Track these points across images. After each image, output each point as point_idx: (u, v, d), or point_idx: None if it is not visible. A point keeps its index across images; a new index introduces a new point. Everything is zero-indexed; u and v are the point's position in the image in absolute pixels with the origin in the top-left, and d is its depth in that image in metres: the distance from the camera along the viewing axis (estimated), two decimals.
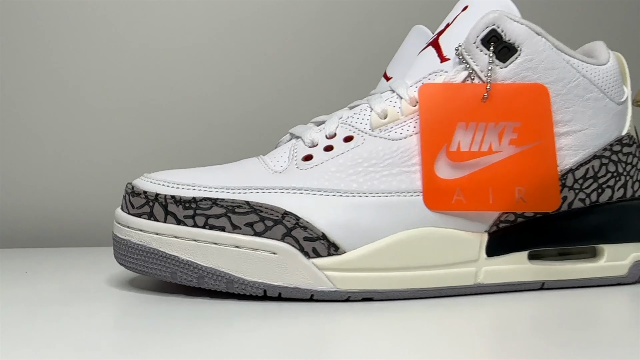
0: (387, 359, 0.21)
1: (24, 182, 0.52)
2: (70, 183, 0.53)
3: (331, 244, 0.30)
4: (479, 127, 0.32)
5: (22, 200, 0.52)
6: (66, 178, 0.53)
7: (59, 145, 0.53)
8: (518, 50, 0.33)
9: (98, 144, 0.53)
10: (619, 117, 0.35)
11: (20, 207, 0.52)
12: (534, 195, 0.32)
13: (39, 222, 0.52)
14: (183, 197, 0.31)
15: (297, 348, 0.23)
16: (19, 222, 0.52)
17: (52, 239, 0.52)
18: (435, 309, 0.29)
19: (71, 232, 0.51)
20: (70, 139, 0.53)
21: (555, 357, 0.22)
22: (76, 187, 0.53)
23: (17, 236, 0.52)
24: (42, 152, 0.53)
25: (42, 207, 0.52)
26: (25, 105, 0.52)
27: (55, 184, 0.53)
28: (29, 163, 0.52)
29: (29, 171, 0.52)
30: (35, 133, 0.53)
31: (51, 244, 0.52)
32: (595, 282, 0.34)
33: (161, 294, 0.31)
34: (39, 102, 0.53)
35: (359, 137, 0.33)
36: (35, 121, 0.53)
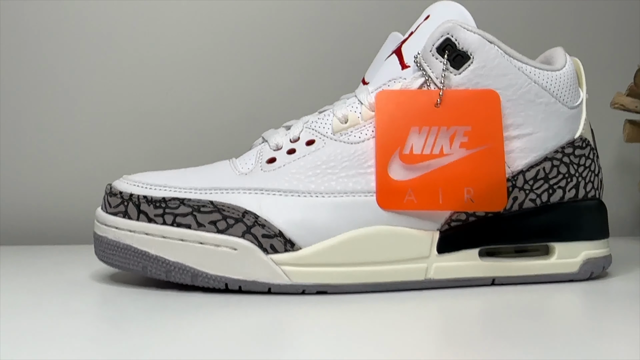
0: (337, 349, 0.23)
1: (17, 182, 0.55)
2: (62, 183, 0.56)
3: (287, 240, 0.32)
4: (432, 131, 0.34)
5: (16, 200, 0.55)
6: (57, 178, 0.56)
7: (51, 146, 0.56)
8: (471, 58, 0.34)
9: (91, 146, 0.56)
10: (572, 121, 0.36)
11: (14, 205, 0.55)
12: (481, 195, 0.33)
13: (31, 221, 0.55)
14: (154, 197, 0.33)
15: (255, 336, 0.25)
16: (13, 220, 0.55)
17: (43, 237, 0.55)
18: (386, 303, 0.31)
19: (63, 230, 0.54)
20: (61, 141, 0.56)
21: (500, 348, 0.24)
22: (67, 187, 0.56)
23: (10, 233, 0.55)
24: (35, 152, 0.56)
25: (34, 206, 0.55)
26: (16, 106, 0.55)
27: (45, 184, 0.56)
28: (21, 163, 0.55)
29: (20, 171, 0.55)
30: (27, 133, 0.56)
31: (42, 242, 0.55)
32: (547, 279, 0.35)
33: (135, 287, 0.34)
34: (31, 103, 0.56)
35: (320, 140, 0.35)
36: (27, 121, 0.56)
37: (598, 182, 0.37)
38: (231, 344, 0.23)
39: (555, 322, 0.27)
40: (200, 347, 0.23)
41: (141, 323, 0.27)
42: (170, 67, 0.57)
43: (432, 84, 0.35)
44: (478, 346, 0.24)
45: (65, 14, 0.55)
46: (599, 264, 0.36)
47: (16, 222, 0.55)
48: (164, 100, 0.57)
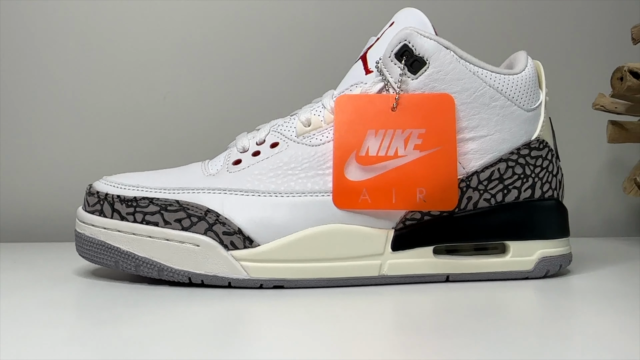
0: (292, 341, 0.25)
1: (11, 182, 0.58)
2: (52, 182, 0.58)
3: (246, 237, 0.34)
4: (387, 133, 0.35)
5: (7, 199, 0.58)
6: (47, 178, 0.59)
7: (42, 147, 0.59)
8: (427, 63, 0.36)
9: (82, 146, 0.59)
10: (529, 123, 0.37)
11: (6, 204, 0.58)
12: (433, 195, 0.35)
13: (22, 219, 0.58)
14: (126, 197, 0.35)
15: (215, 327, 0.27)
16: (8, 218, 0.58)
17: (33, 235, 0.57)
18: (341, 297, 0.33)
19: (52, 227, 0.57)
20: (52, 142, 0.59)
21: (450, 341, 0.25)
22: (57, 186, 0.58)
23: (8, 230, 0.58)
24: (25, 153, 0.59)
25: (24, 205, 0.58)
26: (9, 106, 0.59)
27: (34, 184, 0.59)
28: (12, 162, 0.59)
29: (14, 170, 0.58)
30: (17, 133, 0.59)
31: (33, 239, 0.57)
32: (502, 276, 0.37)
33: (110, 281, 0.36)
34: (23, 103, 0.59)
35: (283, 143, 0.37)
36: (18, 120, 0.59)
37: (556, 182, 0.38)
38: (193, 334, 0.25)
39: (505, 318, 0.29)
40: (163, 336, 0.25)
41: (112, 314, 0.29)
42: (164, 69, 0.59)
43: (391, 88, 0.36)
44: (428, 339, 0.26)
45: (59, 16, 0.58)
46: (555, 263, 0.37)
47: (9, 220, 0.58)
48: (158, 102, 0.59)
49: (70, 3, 0.57)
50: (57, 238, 0.56)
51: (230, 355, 0.23)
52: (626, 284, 0.36)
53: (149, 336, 0.25)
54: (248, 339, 0.25)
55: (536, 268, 0.37)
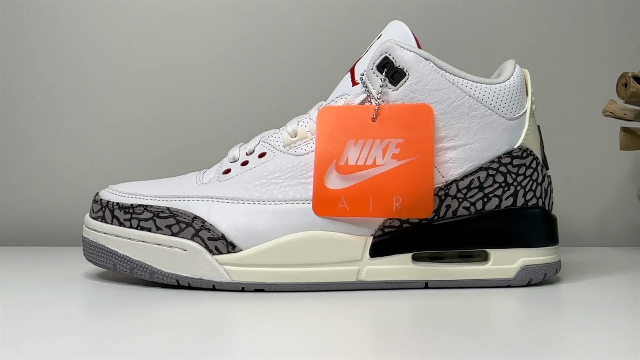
0: (270, 340, 0.27)
1: (20, 187, 0.61)
2: (64, 189, 0.62)
3: (229, 243, 0.36)
4: (367, 143, 0.37)
5: (19, 204, 0.62)
6: (59, 185, 0.62)
7: (53, 154, 0.62)
8: (407, 75, 0.37)
9: (93, 154, 0.62)
10: (511, 132, 0.37)
11: (17, 209, 0.62)
12: (409, 203, 0.35)
13: (36, 224, 0.61)
14: (124, 204, 0.38)
15: (200, 325, 0.29)
16: (16, 223, 0.62)
17: (47, 239, 0.61)
18: (318, 301, 0.34)
19: (62, 232, 0.60)
20: (62, 148, 0.63)
21: (426, 344, 0.27)
22: (68, 193, 0.61)
23: (13, 235, 0.62)
24: (37, 159, 0.63)
25: (37, 211, 0.62)
26: (18, 112, 0.63)
27: (48, 191, 0.61)
28: (24, 168, 0.62)
29: (23, 176, 0.62)
30: (28, 139, 0.63)
31: (46, 244, 0.60)
32: (482, 284, 0.37)
33: (111, 282, 0.39)
34: (32, 109, 0.63)
35: (270, 153, 0.38)
36: (28, 128, 0.63)
37: (542, 190, 0.38)
38: (179, 333, 0.28)
39: (482, 325, 0.29)
40: (152, 334, 0.27)
41: (109, 313, 0.32)
42: (173, 75, 0.62)
43: (373, 99, 0.37)
44: (404, 343, 0.27)
45: (84, 26, 0.62)
46: (538, 271, 0.37)
47: (20, 225, 0.62)
48: (165, 109, 0.62)
49: (96, 14, 0.61)
50: (74, 242, 0.59)
51: (212, 353, 0.25)
52: (613, 294, 0.36)
53: (137, 334, 0.27)
54: (229, 339, 0.27)
55: (518, 276, 0.37)
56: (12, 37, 0.60)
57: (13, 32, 0.60)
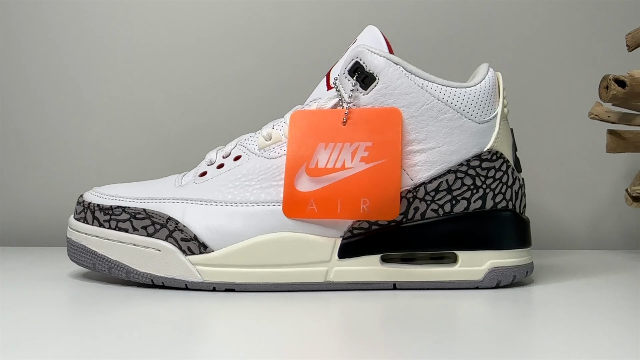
0: (240, 340, 0.28)
1: (17, 187, 0.63)
2: (58, 190, 0.63)
3: (201, 244, 0.37)
4: (337, 146, 0.37)
5: (18, 204, 0.64)
6: (51, 187, 0.64)
7: (46, 153, 0.64)
8: (377, 79, 0.37)
9: (85, 155, 0.64)
10: (481, 135, 0.38)
11: (11, 210, 0.64)
12: (376, 206, 0.36)
13: (27, 225, 0.63)
14: (104, 205, 0.39)
15: (171, 324, 0.30)
16: (12, 222, 0.64)
17: (38, 239, 0.62)
18: (287, 301, 0.35)
19: (52, 233, 0.62)
20: (53, 150, 0.64)
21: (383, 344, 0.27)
22: (61, 194, 0.62)
23: (10, 235, 0.64)
24: (30, 159, 0.64)
25: (29, 212, 0.64)
26: (13, 113, 0.64)
27: (42, 192, 0.63)
28: (18, 170, 0.64)
29: (19, 176, 0.64)
30: (21, 140, 0.64)
31: (38, 244, 0.62)
32: (451, 286, 0.37)
33: (93, 282, 0.40)
34: (26, 109, 0.64)
35: (245, 156, 0.39)
36: (20, 126, 0.64)
37: (512, 193, 0.38)
38: (151, 331, 0.29)
39: (448, 326, 0.30)
40: (125, 333, 0.28)
41: (85, 312, 0.33)
42: (183, 81, 0.63)
43: (345, 103, 0.38)
44: (369, 341, 0.28)
45: (78, 27, 0.64)
46: (507, 273, 0.37)
47: (15, 226, 0.63)
48: (176, 115, 0.63)
49: (89, 17, 0.63)
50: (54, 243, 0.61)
51: (183, 351, 0.26)
52: (582, 297, 0.36)
53: (111, 333, 0.28)
54: (199, 337, 0.28)
55: (486, 278, 0.37)
56: (4, 38, 0.62)
57: (3, 32, 0.62)
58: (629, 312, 0.33)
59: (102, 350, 0.26)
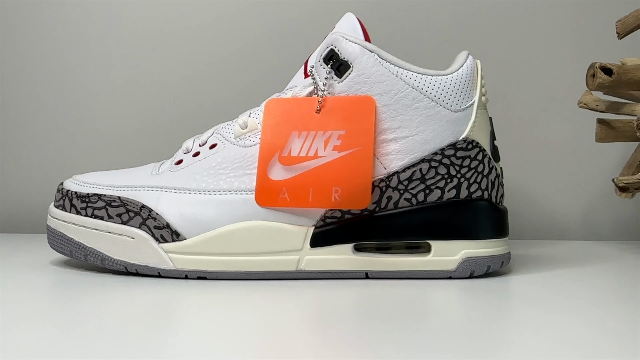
0: (210, 326, 0.28)
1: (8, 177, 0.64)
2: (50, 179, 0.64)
3: (174, 231, 0.37)
4: (310, 135, 0.37)
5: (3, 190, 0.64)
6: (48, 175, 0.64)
7: (39, 146, 0.64)
8: (351, 67, 0.37)
9: (88, 147, 0.64)
10: (455, 124, 0.37)
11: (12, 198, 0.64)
12: (347, 195, 0.36)
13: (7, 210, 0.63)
14: (81, 193, 0.40)
15: (143, 310, 0.31)
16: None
17: (25, 227, 0.63)
18: (259, 289, 0.35)
19: (37, 220, 0.62)
20: (44, 135, 0.64)
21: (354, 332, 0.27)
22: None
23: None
24: (34, 153, 0.65)
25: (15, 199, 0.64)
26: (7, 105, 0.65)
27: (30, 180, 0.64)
28: (7, 154, 0.65)
29: (3, 162, 0.64)
30: (25, 132, 0.65)
31: (22, 231, 0.62)
32: (423, 275, 0.37)
33: (71, 269, 0.41)
34: (37, 105, 0.65)
35: (221, 144, 0.39)
36: (28, 122, 0.65)
37: (488, 183, 0.38)
38: (123, 318, 0.29)
39: (419, 316, 0.30)
40: (98, 319, 0.29)
41: (60, 298, 0.34)
42: (175, 71, 0.63)
43: (320, 91, 0.38)
44: (339, 329, 0.28)
45: (67, 21, 0.64)
46: (481, 264, 0.37)
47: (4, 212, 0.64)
48: (154, 102, 0.64)
49: (81, 5, 0.63)
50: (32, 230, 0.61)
51: (153, 338, 0.26)
52: (557, 288, 0.36)
53: (84, 319, 0.29)
54: (170, 325, 0.28)
55: (459, 268, 0.37)
56: None
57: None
58: (604, 303, 0.32)
59: (72, 337, 0.26)
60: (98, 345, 0.24)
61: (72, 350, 0.24)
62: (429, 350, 0.24)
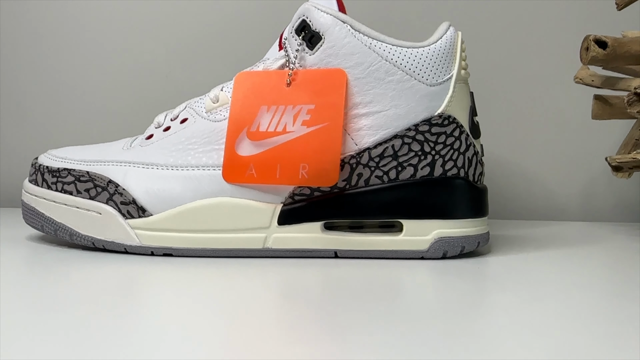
0: (174, 303, 0.27)
1: None
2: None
3: (140, 207, 0.36)
4: (279, 109, 0.36)
5: None
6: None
7: (47, 125, 0.64)
8: (322, 38, 0.36)
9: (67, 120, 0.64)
10: (431, 98, 0.36)
11: None
12: (314, 172, 0.35)
13: None
14: (52, 167, 0.39)
15: (107, 287, 0.30)
16: None
17: None
18: (225, 267, 0.34)
19: None
20: (33, 109, 0.64)
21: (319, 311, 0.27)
22: None
23: None
24: (25, 126, 0.64)
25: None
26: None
27: None
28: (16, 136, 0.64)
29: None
30: (17, 106, 0.64)
31: None
32: (394, 255, 0.36)
33: (44, 243, 0.40)
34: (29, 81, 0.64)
35: (192, 118, 0.38)
36: (20, 95, 0.64)
37: (464, 160, 0.36)
38: (87, 294, 0.28)
39: (388, 297, 0.29)
40: (62, 295, 0.28)
41: (27, 273, 0.33)
42: (151, 46, 0.62)
43: (291, 64, 0.36)
44: (308, 309, 0.27)
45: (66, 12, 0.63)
46: (455, 244, 0.36)
47: None
48: (145, 76, 0.63)
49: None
50: None
51: (116, 314, 0.25)
52: (532, 270, 0.34)
53: (50, 294, 0.28)
54: (133, 301, 0.28)
55: (431, 248, 0.36)
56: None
57: None
58: (574, 284, 0.31)
59: (33, 313, 0.25)
60: (60, 322, 0.24)
61: (32, 325, 0.23)
62: (397, 332, 0.23)
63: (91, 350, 0.21)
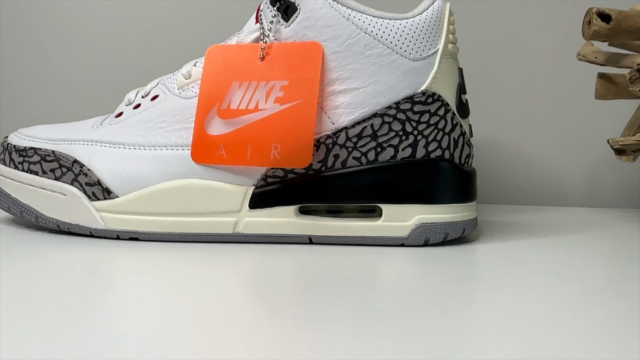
0: (137, 287, 0.26)
1: None
2: None
3: (105, 189, 0.34)
4: (251, 86, 0.34)
5: None
6: None
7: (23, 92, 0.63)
8: (298, 9, 0.33)
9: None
10: (414, 74, 0.33)
11: None
12: (287, 152, 0.32)
13: None
14: (19, 147, 0.37)
15: (69, 271, 0.28)
16: None
17: None
18: (193, 252, 0.32)
19: None
20: (56, 103, 0.62)
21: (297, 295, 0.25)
22: None
23: None
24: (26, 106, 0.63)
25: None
26: None
27: None
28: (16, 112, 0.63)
29: None
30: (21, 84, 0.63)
31: None
32: (373, 242, 0.34)
33: (13, 226, 0.39)
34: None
35: (163, 95, 0.36)
36: (22, 74, 0.63)
37: (450, 141, 0.34)
38: (50, 279, 0.27)
39: (363, 286, 0.27)
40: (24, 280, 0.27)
41: None
42: (141, 22, 0.60)
43: (265, 37, 0.34)
44: (281, 295, 0.25)
45: None
46: (437, 230, 0.33)
47: None
48: (136, 53, 0.61)
49: None
50: None
51: (80, 303, 0.24)
52: (518, 258, 0.32)
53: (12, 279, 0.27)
54: (96, 289, 0.26)
55: (412, 234, 0.33)
56: None
57: None
58: (566, 273, 0.28)
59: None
60: (21, 309, 0.22)
61: None
62: (372, 326, 0.21)
63: (53, 338, 0.19)
